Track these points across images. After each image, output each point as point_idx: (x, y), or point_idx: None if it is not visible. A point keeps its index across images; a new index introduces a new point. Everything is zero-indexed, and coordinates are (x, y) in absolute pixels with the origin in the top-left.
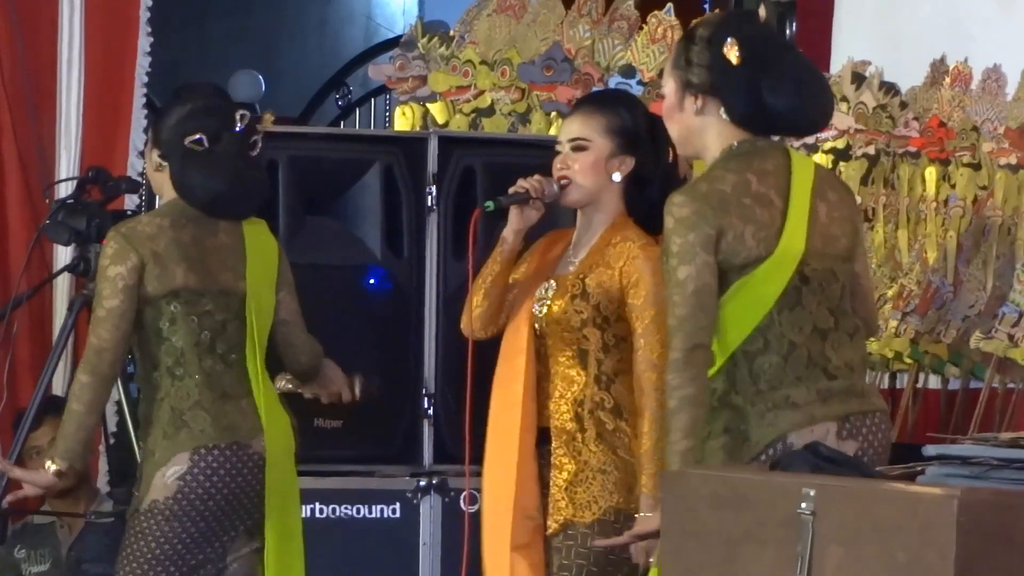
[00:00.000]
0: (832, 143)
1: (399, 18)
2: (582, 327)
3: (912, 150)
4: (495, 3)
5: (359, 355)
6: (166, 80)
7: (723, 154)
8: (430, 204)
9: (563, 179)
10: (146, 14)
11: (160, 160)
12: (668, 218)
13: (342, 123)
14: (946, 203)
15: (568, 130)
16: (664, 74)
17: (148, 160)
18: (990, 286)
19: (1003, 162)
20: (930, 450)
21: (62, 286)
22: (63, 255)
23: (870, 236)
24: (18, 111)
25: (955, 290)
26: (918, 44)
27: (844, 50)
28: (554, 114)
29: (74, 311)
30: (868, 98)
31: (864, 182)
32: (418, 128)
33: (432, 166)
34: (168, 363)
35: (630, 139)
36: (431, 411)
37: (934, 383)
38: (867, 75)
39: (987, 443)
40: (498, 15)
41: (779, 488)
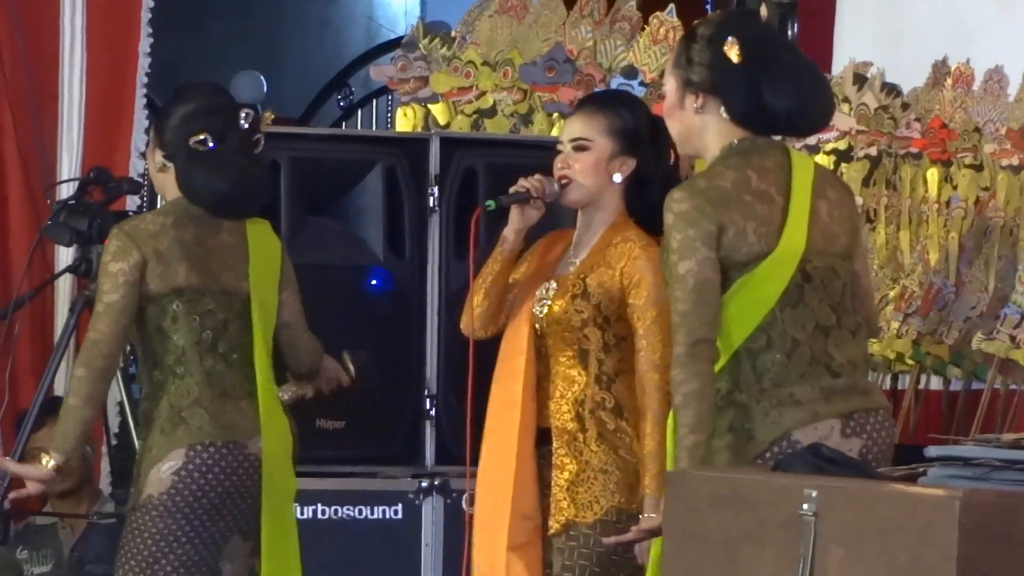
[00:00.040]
0: (834, 144)
1: (401, 19)
2: (583, 327)
3: (914, 151)
4: (497, 4)
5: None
6: (166, 80)
7: (723, 152)
8: (432, 205)
9: (564, 179)
10: (147, 15)
11: (164, 160)
12: (668, 214)
13: (344, 124)
14: (948, 204)
15: (570, 130)
16: (665, 73)
17: (150, 161)
18: (992, 287)
19: (1005, 163)
20: (932, 451)
21: (64, 287)
22: (65, 256)
23: (872, 237)
24: (20, 112)
25: (957, 291)
26: (920, 45)
27: (846, 51)
28: (556, 115)
29: (76, 312)
30: (870, 99)
31: (866, 183)
32: (420, 129)
33: (434, 167)
34: (169, 362)
35: (631, 140)
36: (433, 412)
37: (936, 384)
38: (869, 76)
39: (989, 444)
40: (500, 16)
41: (781, 489)
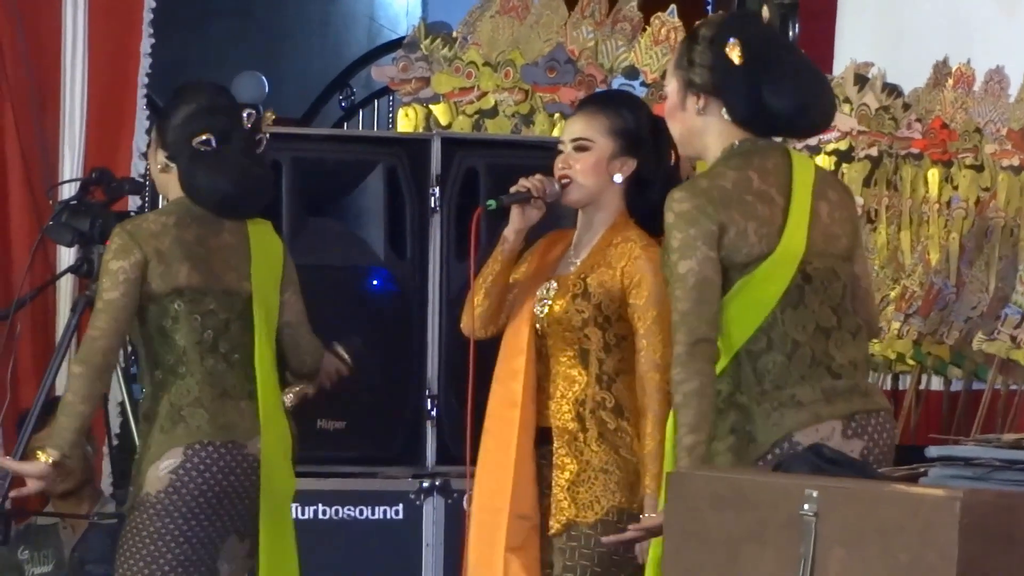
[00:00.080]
0: (835, 145)
1: (402, 19)
2: (583, 327)
3: (915, 152)
4: (498, 4)
5: (361, 356)
6: (168, 81)
7: (724, 153)
8: (433, 205)
9: (564, 178)
10: (149, 15)
11: (166, 161)
12: (668, 214)
13: (345, 124)
14: (948, 205)
15: (571, 130)
16: (667, 74)
17: (152, 161)
18: (992, 288)
19: (1006, 164)
20: (932, 451)
21: (65, 287)
22: (66, 256)
23: (873, 238)
24: (21, 112)
25: (958, 292)
26: (920, 45)
27: (847, 51)
28: (557, 115)
29: (77, 312)
30: (871, 100)
31: (867, 184)
32: (421, 129)
33: (435, 167)
34: (170, 361)
35: (632, 140)
36: (434, 412)
37: (936, 384)
38: (870, 76)
39: (989, 444)
40: (501, 16)
41: (782, 489)
